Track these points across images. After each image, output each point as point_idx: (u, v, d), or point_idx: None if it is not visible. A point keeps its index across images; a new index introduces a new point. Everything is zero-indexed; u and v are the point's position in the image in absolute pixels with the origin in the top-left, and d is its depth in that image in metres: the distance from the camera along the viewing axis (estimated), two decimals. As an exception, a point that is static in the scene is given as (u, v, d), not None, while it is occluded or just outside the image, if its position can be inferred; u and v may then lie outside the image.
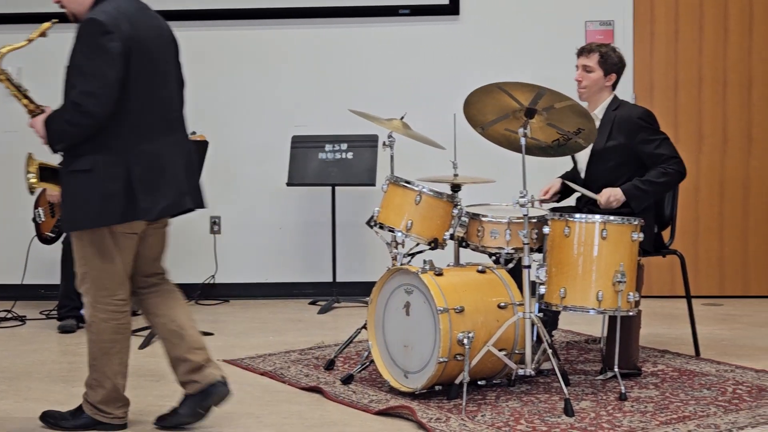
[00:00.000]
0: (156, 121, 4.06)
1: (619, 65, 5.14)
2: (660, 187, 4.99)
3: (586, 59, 5.14)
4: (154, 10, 4.23)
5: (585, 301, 4.56)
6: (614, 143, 5.03)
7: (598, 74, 5.12)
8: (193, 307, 7.09)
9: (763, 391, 4.61)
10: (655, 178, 4.96)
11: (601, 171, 5.07)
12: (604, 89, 5.14)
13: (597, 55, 5.11)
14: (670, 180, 5.01)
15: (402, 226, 4.82)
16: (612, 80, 5.13)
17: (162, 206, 4.04)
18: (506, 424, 4.15)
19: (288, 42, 7.32)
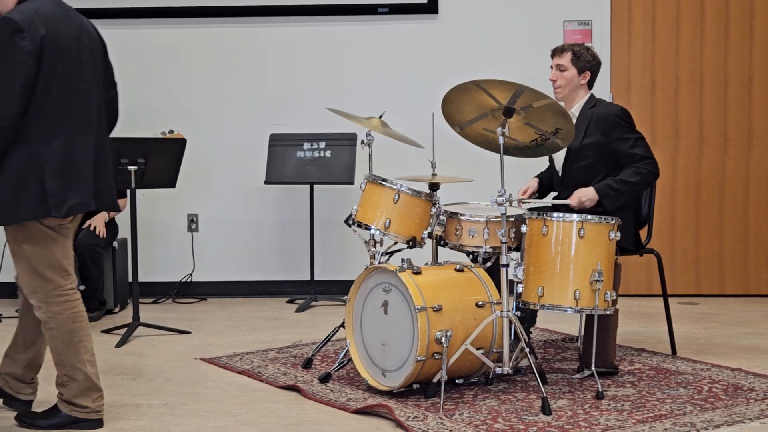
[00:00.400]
0: (71, 121, 4.05)
1: (592, 63, 5.15)
2: (633, 186, 4.99)
3: (559, 59, 5.16)
4: (78, 13, 4.22)
5: (562, 299, 4.58)
6: (590, 141, 5.04)
7: (572, 72, 5.13)
8: (170, 305, 7.07)
9: (739, 389, 4.64)
10: (629, 177, 4.97)
11: (577, 169, 5.08)
12: (579, 88, 5.15)
13: (570, 53, 5.13)
14: (643, 180, 5.00)
15: (380, 225, 4.83)
16: (587, 78, 5.15)
17: (71, 204, 4.03)
18: (484, 422, 4.16)
19: (266, 40, 7.30)
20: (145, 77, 7.31)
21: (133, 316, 5.94)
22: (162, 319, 6.36)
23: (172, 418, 4.31)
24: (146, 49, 7.31)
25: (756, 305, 6.86)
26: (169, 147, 6.11)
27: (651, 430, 4.04)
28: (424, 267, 4.69)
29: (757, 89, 7.10)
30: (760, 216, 7.15)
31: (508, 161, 4.62)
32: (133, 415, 4.36)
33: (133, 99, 7.25)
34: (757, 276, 7.18)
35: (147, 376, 5.05)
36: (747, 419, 4.19)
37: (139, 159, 5.91)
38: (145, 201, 7.09)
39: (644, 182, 5.03)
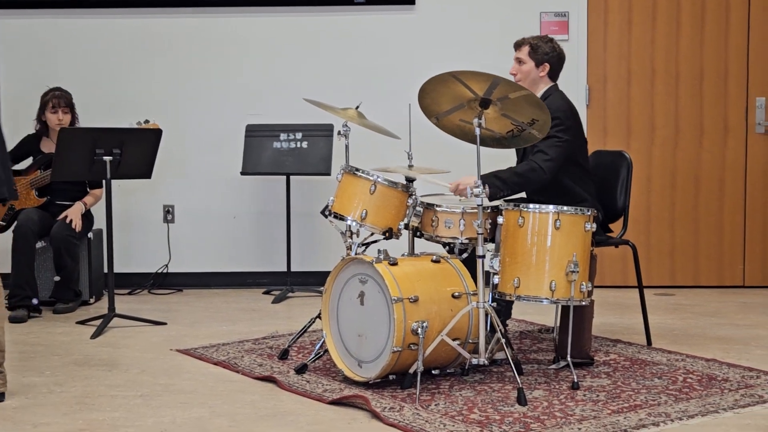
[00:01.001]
0: None
1: (551, 54, 5.12)
2: (520, 179, 4.86)
3: (518, 52, 5.17)
4: None
5: (538, 290, 4.59)
6: None
7: (530, 65, 5.13)
8: (145, 296, 7.05)
9: (713, 380, 4.67)
10: (519, 169, 4.89)
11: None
12: (539, 80, 5.13)
13: (527, 47, 5.13)
14: (532, 176, 4.86)
15: (356, 216, 4.82)
16: (545, 70, 5.12)
17: None
18: (459, 413, 4.16)
19: (243, 30, 7.28)
20: (120, 67, 7.27)
21: (108, 307, 5.92)
22: (137, 310, 6.33)
23: (147, 410, 4.29)
24: (122, 40, 7.27)
25: (730, 296, 6.90)
26: (145, 137, 6.09)
27: (626, 421, 4.06)
28: (401, 258, 4.69)
29: (732, 81, 7.12)
30: (735, 208, 7.19)
31: (484, 152, 4.62)
32: (108, 406, 4.34)
33: (108, 89, 7.26)
34: (731, 267, 7.21)
35: (122, 367, 5.03)
36: (721, 409, 4.21)
37: (115, 149, 5.88)
38: (120, 192, 7.06)
39: (532, 180, 4.88)
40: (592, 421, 4.06)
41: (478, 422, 4.04)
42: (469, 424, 4.02)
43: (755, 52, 7.11)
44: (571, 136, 4.98)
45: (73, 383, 4.71)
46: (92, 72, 7.27)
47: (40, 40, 7.27)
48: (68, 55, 7.27)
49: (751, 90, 7.12)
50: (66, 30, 7.27)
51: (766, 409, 4.22)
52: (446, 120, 4.86)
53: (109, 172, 5.87)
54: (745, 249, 7.20)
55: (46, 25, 7.27)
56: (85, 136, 5.92)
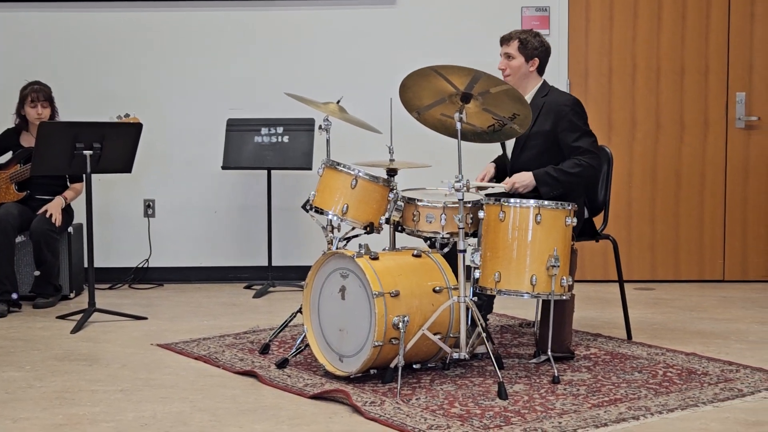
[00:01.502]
0: None
1: (540, 49, 5.14)
2: (572, 177, 4.96)
3: (506, 47, 5.15)
4: None
5: (519, 285, 4.59)
6: (539, 130, 5.03)
7: (520, 60, 5.12)
8: (126, 291, 7.03)
9: (693, 374, 4.69)
10: (569, 168, 4.95)
11: (526, 157, 5.08)
12: (529, 75, 5.15)
13: (516, 41, 5.12)
14: (582, 172, 4.97)
15: (338, 210, 4.82)
16: (535, 65, 5.14)
17: None
18: (440, 407, 4.17)
19: (224, 24, 7.26)
20: (101, 61, 7.25)
21: (88, 301, 5.90)
22: (118, 304, 6.31)
23: (127, 404, 4.28)
24: (102, 33, 7.24)
25: (711, 290, 6.93)
26: (126, 132, 6.07)
27: (606, 414, 4.07)
28: (382, 252, 4.69)
29: (713, 76, 7.15)
30: (715, 202, 7.22)
31: (465, 147, 4.62)
32: (88, 401, 4.33)
33: (88, 83, 7.23)
34: (711, 261, 7.24)
35: (103, 362, 5.02)
36: (701, 403, 4.23)
37: (95, 144, 5.86)
38: (101, 186, 7.04)
39: (584, 175, 4.99)
40: (572, 415, 4.07)
41: (459, 416, 4.04)
42: (449, 418, 4.02)
43: (735, 48, 7.13)
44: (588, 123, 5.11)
45: (53, 378, 4.69)
46: (72, 66, 7.24)
47: (19, 34, 7.23)
48: (47, 48, 7.24)
49: (732, 85, 7.15)
50: (45, 23, 7.24)
51: (745, 403, 4.24)
52: (427, 114, 4.86)
53: (90, 166, 5.85)
54: (725, 243, 7.23)
55: (26, 19, 7.23)
56: (65, 130, 5.89)
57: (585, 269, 7.11)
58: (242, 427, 3.98)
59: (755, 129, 7.18)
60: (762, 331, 5.64)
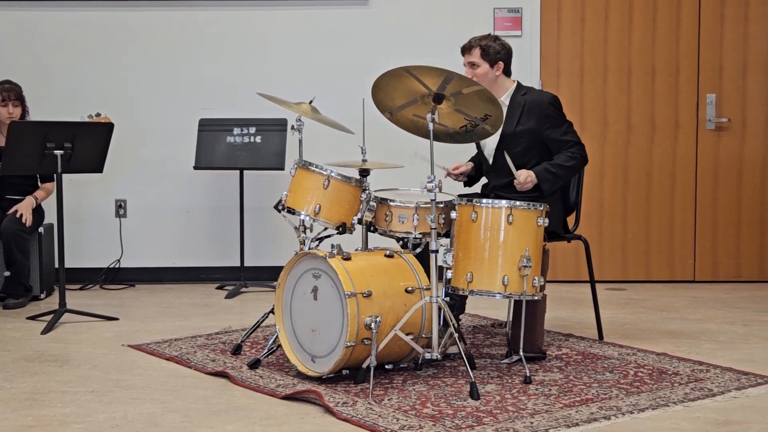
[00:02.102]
0: None
1: (502, 52, 5.15)
2: (568, 170, 5.08)
3: (469, 56, 5.16)
4: None
5: (491, 285, 4.60)
6: (524, 128, 5.07)
7: (485, 67, 5.14)
8: (97, 291, 7.00)
9: (664, 373, 4.71)
10: (564, 162, 5.05)
11: (510, 155, 5.10)
12: (497, 80, 5.15)
13: (478, 49, 5.13)
14: (577, 164, 5.11)
15: (310, 211, 4.81)
16: (500, 68, 5.15)
17: None
18: (413, 407, 4.17)
19: (196, 24, 7.24)
20: (72, 61, 7.21)
21: (59, 302, 5.86)
22: (89, 305, 6.28)
23: (98, 405, 4.26)
24: (74, 33, 7.20)
25: (681, 291, 6.97)
26: (97, 131, 6.03)
27: (577, 414, 4.08)
28: (354, 253, 4.69)
29: (683, 78, 7.19)
30: (686, 203, 7.26)
31: (438, 147, 4.63)
32: (58, 402, 4.30)
33: (60, 83, 7.20)
34: (682, 262, 7.29)
35: (73, 363, 4.99)
36: (671, 403, 4.25)
37: (66, 143, 5.83)
38: (72, 186, 7.00)
39: (577, 167, 5.15)
40: (544, 415, 4.08)
41: (431, 416, 4.05)
42: (422, 418, 4.03)
43: (706, 50, 7.18)
44: None
45: (23, 379, 4.66)
46: (43, 65, 7.20)
47: (-11, 33, 7.20)
48: (18, 47, 7.19)
49: (702, 87, 7.20)
50: (16, 22, 7.19)
51: (715, 403, 4.27)
52: (400, 115, 4.86)
53: (60, 166, 5.82)
54: (696, 244, 7.28)
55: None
56: (35, 130, 5.85)
57: (557, 269, 7.13)
58: (214, 428, 3.97)
59: (725, 130, 7.22)
60: (732, 331, 5.68)
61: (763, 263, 7.29)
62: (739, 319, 6.01)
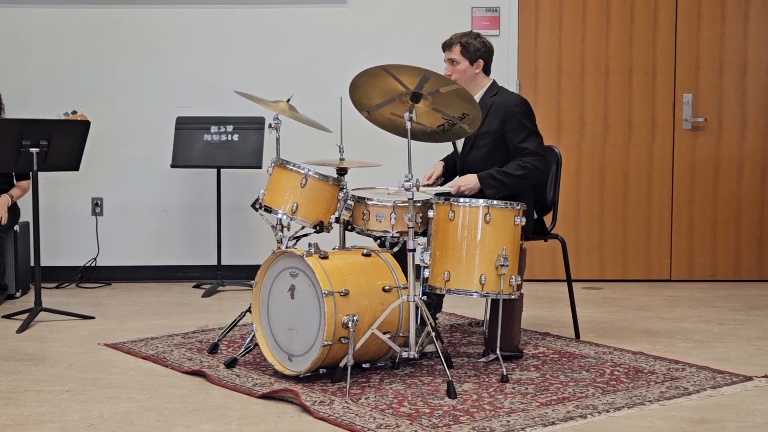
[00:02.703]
0: None
1: (483, 50, 5.15)
2: (516, 180, 4.97)
3: (449, 53, 5.15)
4: None
5: (468, 284, 4.61)
6: (488, 129, 5.05)
7: (464, 64, 5.13)
8: (73, 290, 6.96)
9: (640, 372, 4.73)
10: (513, 170, 4.97)
11: (475, 157, 5.11)
12: (476, 77, 5.15)
13: (458, 46, 5.13)
14: (527, 174, 4.98)
15: (287, 209, 4.81)
16: (480, 66, 5.15)
17: None
18: (390, 406, 4.17)
19: (173, 22, 7.21)
20: (48, 58, 7.17)
21: (35, 301, 5.83)
22: (65, 304, 6.25)
23: (74, 404, 4.24)
24: (50, 30, 7.16)
25: (658, 290, 7.00)
26: (73, 129, 6.00)
27: (554, 413, 4.09)
28: (332, 251, 4.69)
29: (660, 78, 7.22)
30: (662, 203, 7.29)
31: (415, 146, 4.63)
32: (34, 401, 4.28)
33: (35, 80, 7.16)
34: (659, 261, 7.31)
35: (49, 361, 4.97)
36: (647, 401, 4.27)
37: (42, 141, 5.80)
38: (48, 184, 6.97)
39: (528, 177, 5.00)
40: (520, 413, 4.09)
41: (408, 415, 4.05)
42: (398, 417, 4.03)
43: (682, 50, 7.21)
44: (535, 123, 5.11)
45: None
46: (19, 62, 7.16)
47: (-35, 29, 7.15)
48: (-6, 44, 7.16)
49: (679, 87, 7.23)
50: (-8, 19, 7.16)
51: (690, 401, 4.29)
52: (377, 114, 4.86)
53: (36, 164, 5.79)
54: (672, 243, 7.31)
55: (-28, 14, 7.15)
56: (11, 128, 5.81)
57: (534, 268, 7.15)
58: (190, 427, 3.96)
59: (702, 130, 7.26)
60: (707, 329, 5.70)
61: (738, 262, 7.33)
62: (715, 317, 6.04)
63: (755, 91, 7.25)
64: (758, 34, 7.22)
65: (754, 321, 5.95)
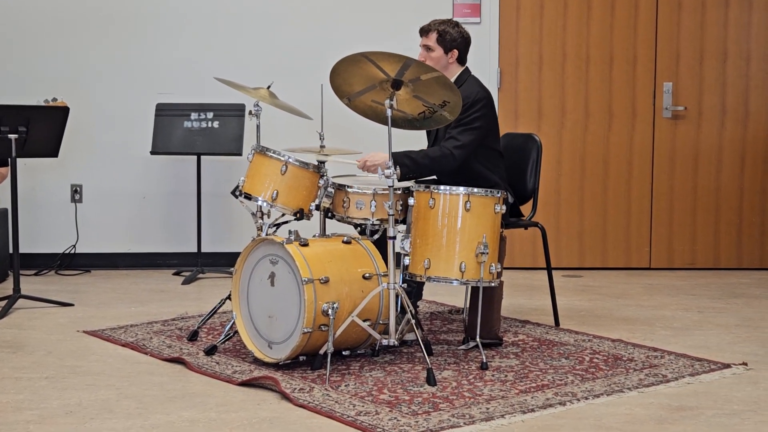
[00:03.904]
0: None
1: (459, 40, 5.10)
2: (431, 162, 4.89)
3: (425, 39, 5.11)
4: None
5: (448, 272, 4.61)
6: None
7: (439, 52, 5.09)
8: (52, 277, 6.93)
9: (619, 359, 4.75)
10: (432, 153, 4.91)
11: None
12: (448, 66, 5.10)
13: (435, 33, 5.08)
14: (443, 161, 4.89)
15: (267, 196, 4.80)
16: (455, 56, 5.10)
17: None
18: (369, 393, 4.17)
19: (154, 8, 7.17)
20: (27, 43, 7.12)
21: (13, 288, 5.81)
22: (44, 291, 6.23)
23: (52, 392, 4.23)
24: (28, 15, 7.12)
25: (637, 278, 7.02)
26: (52, 115, 5.96)
27: (533, 400, 4.10)
28: (312, 239, 4.68)
29: (641, 66, 7.23)
30: (642, 191, 7.31)
31: (396, 133, 4.62)
32: (12, 388, 4.26)
33: (14, 65, 7.11)
34: (638, 249, 7.34)
35: (28, 349, 4.95)
36: (626, 389, 4.29)
37: (20, 127, 5.76)
38: (26, 170, 6.93)
39: (443, 164, 4.92)
40: (500, 401, 4.10)
41: (388, 402, 4.05)
42: (378, 404, 4.03)
43: (663, 38, 7.23)
44: (485, 123, 5.00)
45: (-24, 365, 4.62)
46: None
47: (-57, 14, 7.09)
48: (-28, 30, 7.11)
49: (659, 75, 7.25)
50: (-30, 4, 7.11)
51: (669, 388, 4.31)
52: (358, 101, 4.85)
53: (15, 150, 5.75)
54: (652, 232, 7.33)
55: (-50, -1, 7.09)
56: (-11, 114, 5.78)
57: (514, 256, 7.16)
58: (169, 414, 3.95)
59: (682, 119, 7.28)
60: (686, 317, 5.73)
61: (717, 251, 7.37)
62: (694, 306, 6.07)
63: (735, 80, 7.27)
64: (738, 24, 7.24)
65: (733, 309, 5.98)
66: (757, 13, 7.24)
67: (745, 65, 7.27)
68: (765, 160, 7.33)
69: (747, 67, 7.27)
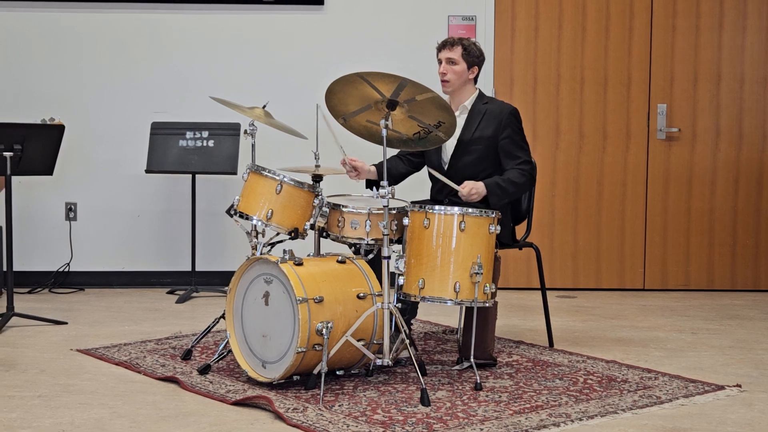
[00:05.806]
0: None
1: (480, 58, 5.17)
2: (517, 188, 5.02)
3: (449, 52, 5.13)
4: None
5: (443, 292, 4.61)
6: (481, 135, 5.06)
7: (462, 67, 5.13)
8: (46, 295, 6.92)
9: (613, 381, 4.74)
10: (516, 178, 5.00)
11: (465, 162, 5.11)
12: (467, 82, 5.17)
13: (460, 47, 5.12)
14: (526, 182, 5.06)
15: (262, 215, 4.80)
16: (474, 73, 5.16)
17: None
18: (363, 413, 4.17)
19: (150, 27, 7.19)
20: (25, 61, 7.14)
21: (7, 306, 5.80)
22: (38, 309, 6.22)
23: (45, 410, 4.21)
24: (27, 33, 7.13)
25: (631, 299, 7.03)
26: (47, 133, 5.97)
27: (527, 421, 4.10)
28: (306, 258, 4.68)
29: (635, 88, 7.26)
30: (636, 212, 7.32)
31: (391, 154, 4.63)
32: (4, 407, 4.25)
33: (11, 84, 7.12)
34: (632, 270, 7.35)
35: (20, 367, 4.94)
36: (620, 410, 4.28)
37: (16, 145, 5.76)
38: (21, 188, 6.93)
39: (526, 185, 5.10)
40: (494, 421, 4.09)
41: (381, 423, 4.05)
42: (372, 424, 4.02)
43: (657, 60, 7.25)
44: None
45: (-32, 383, 4.61)
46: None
47: (-61, 32, 7.10)
48: (-32, 47, 7.12)
49: (653, 97, 7.27)
50: (-34, 22, 7.12)
51: (663, 410, 4.30)
52: (353, 121, 4.86)
53: (10, 168, 5.75)
54: (646, 253, 7.34)
55: (-54, 17, 7.10)
56: (-16, 131, 5.79)
57: (508, 277, 7.17)
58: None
59: (676, 140, 7.30)
60: (680, 339, 5.73)
61: (711, 272, 7.37)
62: (688, 327, 6.07)
63: (729, 102, 7.30)
64: (732, 46, 7.27)
65: (727, 330, 5.98)
66: (751, 36, 7.27)
67: (739, 87, 7.29)
68: (759, 181, 7.34)
69: (741, 89, 7.30)
